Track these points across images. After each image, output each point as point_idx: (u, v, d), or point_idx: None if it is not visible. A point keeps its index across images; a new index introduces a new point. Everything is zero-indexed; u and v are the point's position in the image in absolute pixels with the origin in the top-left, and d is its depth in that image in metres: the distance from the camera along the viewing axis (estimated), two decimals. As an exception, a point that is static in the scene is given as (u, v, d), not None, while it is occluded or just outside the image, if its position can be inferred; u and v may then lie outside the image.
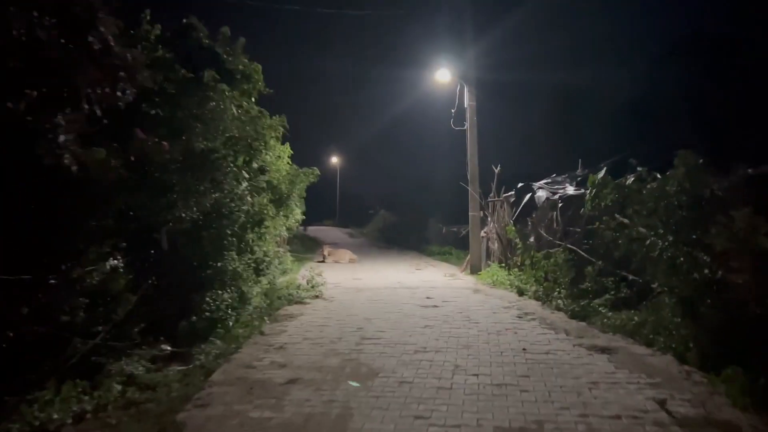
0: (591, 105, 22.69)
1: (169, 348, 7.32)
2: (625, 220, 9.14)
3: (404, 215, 35.95)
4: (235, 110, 8.41)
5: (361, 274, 17.16)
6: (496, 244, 16.40)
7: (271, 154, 11.94)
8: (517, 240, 13.45)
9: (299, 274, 14.52)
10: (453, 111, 17.90)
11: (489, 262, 16.88)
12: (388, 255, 26.01)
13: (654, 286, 7.71)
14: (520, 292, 11.68)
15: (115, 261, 6.73)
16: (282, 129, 11.35)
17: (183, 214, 7.58)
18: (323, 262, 21.78)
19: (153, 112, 7.63)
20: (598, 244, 9.98)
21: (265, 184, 9.13)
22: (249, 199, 8.71)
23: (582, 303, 9.15)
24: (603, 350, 6.86)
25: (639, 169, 10.88)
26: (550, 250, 11.60)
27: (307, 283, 12.09)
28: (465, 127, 17.63)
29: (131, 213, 7.49)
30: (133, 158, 6.52)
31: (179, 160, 7.53)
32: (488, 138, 18.35)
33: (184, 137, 7.62)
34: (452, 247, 24.77)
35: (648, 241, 7.10)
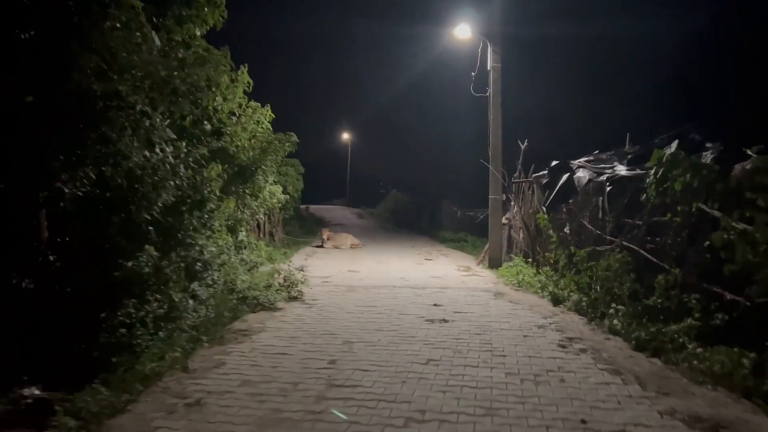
0: (633, 72, 19.68)
1: (36, 392, 4.87)
2: (714, 212, 6.48)
3: (417, 196, 33.24)
4: (158, 40, 5.77)
5: (361, 265, 14.59)
6: (521, 234, 13.70)
7: (242, 115, 9.36)
8: (551, 231, 10.75)
9: (287, 264, 11.95)
10: (474, 74, 15.13)
11: (511, 255, 14.21)
12: (396, 240, 23.43)
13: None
14: (556, 301, 9.01)
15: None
16: (248, 81, 8.77)
17: (65, 188, 5.02)
18: (321, 247, 19.31)
19: (25, 35, 5.09)
20: (671, 244, 7.27)
21: (206, 151, 6.49)
22: (183, 171, 6.11)
23: (651, 328, 6.47)
24: (715, 429, 4.20)
25: (708, 145, 8.27)
26: (598, 248, 8.91)
27: (284, 281, 9.53)
28: (487, 94, 14.85)
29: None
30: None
31: (58, 108, 4.96)
32: (514, 107, 15.61)
33: (70, 74, 5.03)
34: (467, 233, 22.12)
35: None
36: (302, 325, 7.36)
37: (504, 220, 14.97)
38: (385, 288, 10.63)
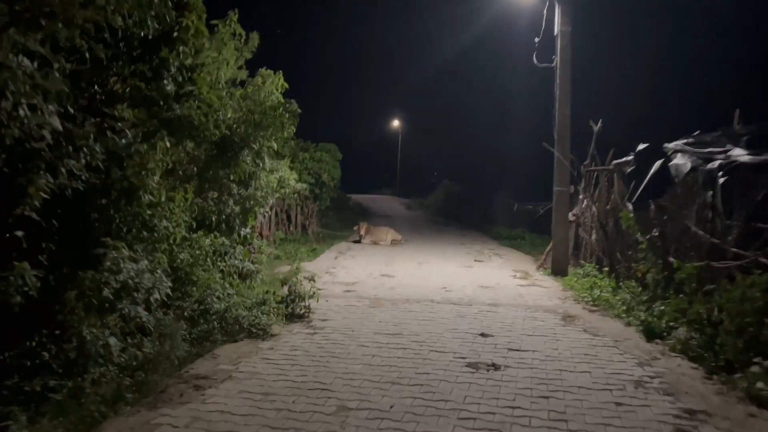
0: (733, 37, 16.52)
1: None
2: None
3: (470, 186, 30.64)
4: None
5: (398, 267, 12.37)
6: (594, 235, 11.15)
7: (249, 84, 7.30)
8: (639, 235, 8.20)
9: (299, 268, 9.84)
10: (537, 41, 12.57)
11: (580, 260, 11.68)
12: (444, 235, 21.04)
13: None
14: (650, 334, 6.52)
15: None
16: (240, 33, 6.68)
17: None
18: (359, 242, 17.18)
19: None
20: None
21: (129, 114, 4.32)
22: (94, 144, 3.99)
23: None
24: None
25: None
26: (715, 264, 6.37)
27: (289, 293, 7.38)
28: (553, 64, 12.27)
29: None
30: None
31: None
32: (585, 81, 12.99)
33: None
34: (524, 229, 19.55)
35: None
36: (289, 369, 5.17)
37: (570, 217, 12.44)
38: (420, 303, 8.36)
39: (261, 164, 6.74)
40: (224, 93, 6.38)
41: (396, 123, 53.13)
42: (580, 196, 13.06)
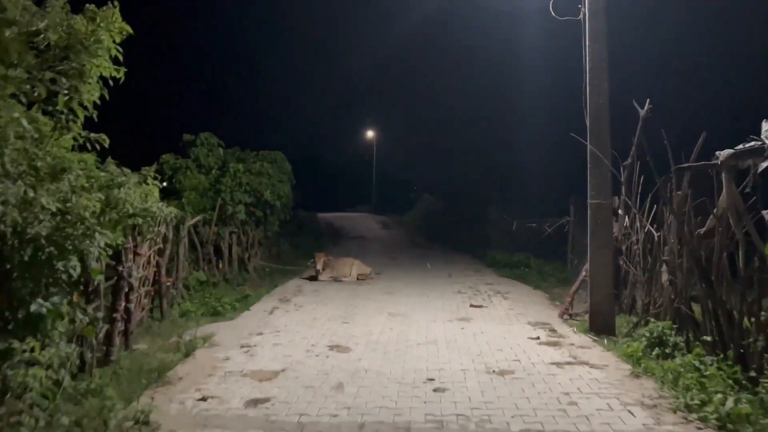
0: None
1: None
2: None
3: (455, 200, 26.40)
4: None
5: (359, 326, 8.21)
6: (665, 276, 7.06)
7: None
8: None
9: (230, 327, 5.64)
10: (554, -18, 8.59)
11: (650, 318, 7.55)
12: (426, 262, 16.81)
13: None
14: None
15: None
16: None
17: None
18: (316, 279, 12.96)
19: None
20: None
21: None
22: None
23: None
24: None
25: None
26: None
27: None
28: (579, 16, 8.28)
29: None
30: None
31: None
32: (620, 48, 8.92)
33: None
34: (527, 254, 15.36)
35: None
36: None
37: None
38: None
39: None
40: None
41: (370, 134, 49.00)
42: (620, 211, 9.08)
